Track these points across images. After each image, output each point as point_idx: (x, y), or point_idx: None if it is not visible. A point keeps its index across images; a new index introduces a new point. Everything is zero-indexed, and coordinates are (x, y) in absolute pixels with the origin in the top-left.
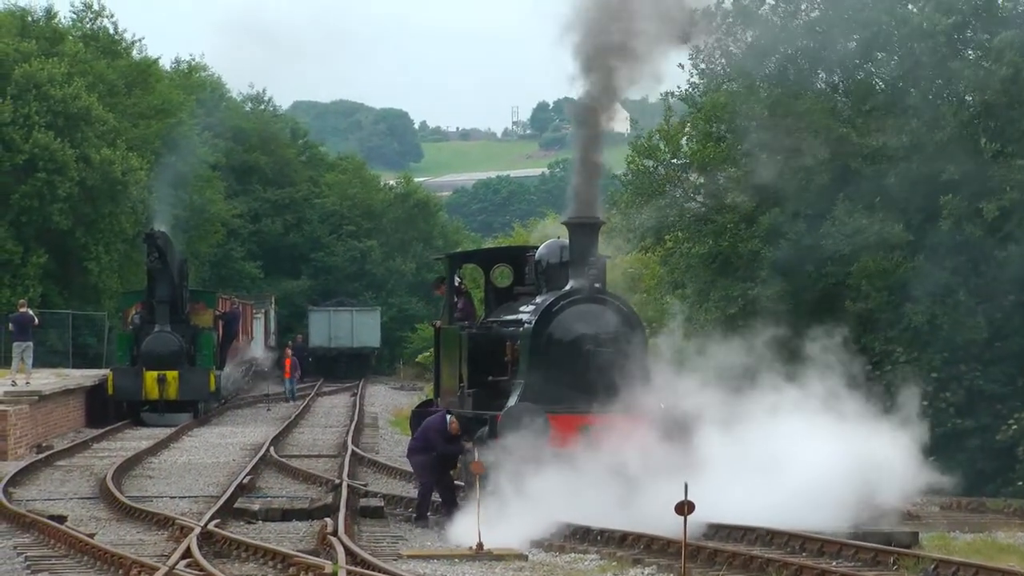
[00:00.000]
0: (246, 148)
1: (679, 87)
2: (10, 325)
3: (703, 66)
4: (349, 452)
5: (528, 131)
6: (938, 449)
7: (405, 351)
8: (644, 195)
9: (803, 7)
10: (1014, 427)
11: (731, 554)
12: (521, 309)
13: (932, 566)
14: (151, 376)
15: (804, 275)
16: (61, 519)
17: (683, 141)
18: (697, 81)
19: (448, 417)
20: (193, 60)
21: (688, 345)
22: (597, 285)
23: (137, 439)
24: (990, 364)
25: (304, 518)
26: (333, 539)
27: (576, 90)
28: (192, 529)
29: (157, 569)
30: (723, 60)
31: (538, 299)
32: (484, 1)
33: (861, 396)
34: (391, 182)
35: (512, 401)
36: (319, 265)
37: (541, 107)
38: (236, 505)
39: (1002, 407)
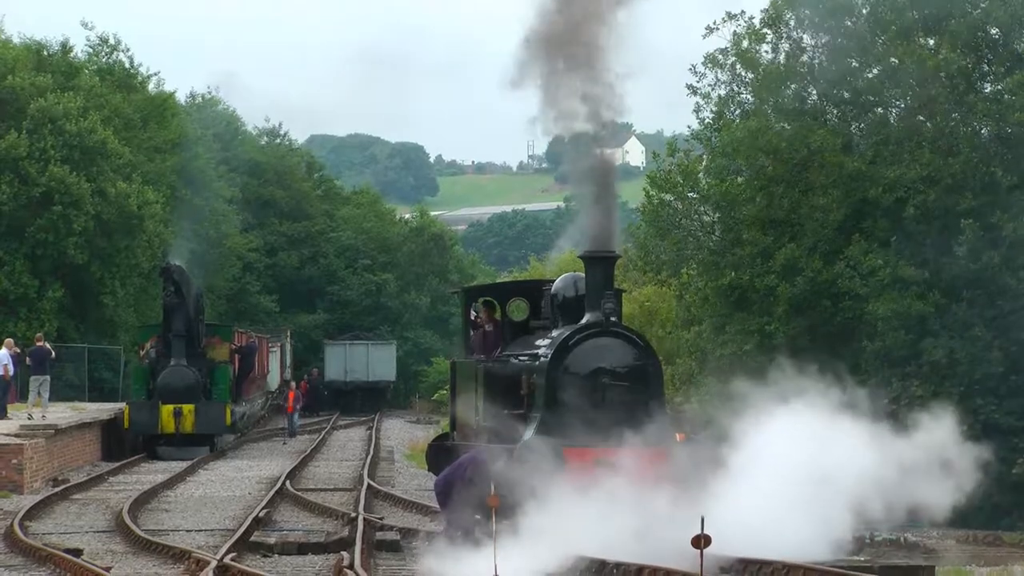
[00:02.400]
0: (262, 182)
1: (692, 125)
2: (27, 359)
3: (711, 114)
4: (365, 485)
5: (543, 165)
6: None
7: (421, 385)
8: (661, 229)
9: (811, 52)
10: None
11: None
12: (537, 343)
13: None
14: (167, 410)
15: (821, 310)
16: (77, 552)
17: (700, 175)
18: (709, 124)
19: None
20: (209, 94)
21: (704, 377)
22: (613, 319)
23: (153, 472)
24: (1006, 398)
25: (320, 551)
26: (349, 572)
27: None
28: (208, 562)
29: None
30: (734, 105)
31: (554, 333)
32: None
33: (879, 430)
34: (406, 216)
35: (528, 435)
36: (335, 299)
37: (556, 141)
38: (252, 538)
39: (1018, 440)
